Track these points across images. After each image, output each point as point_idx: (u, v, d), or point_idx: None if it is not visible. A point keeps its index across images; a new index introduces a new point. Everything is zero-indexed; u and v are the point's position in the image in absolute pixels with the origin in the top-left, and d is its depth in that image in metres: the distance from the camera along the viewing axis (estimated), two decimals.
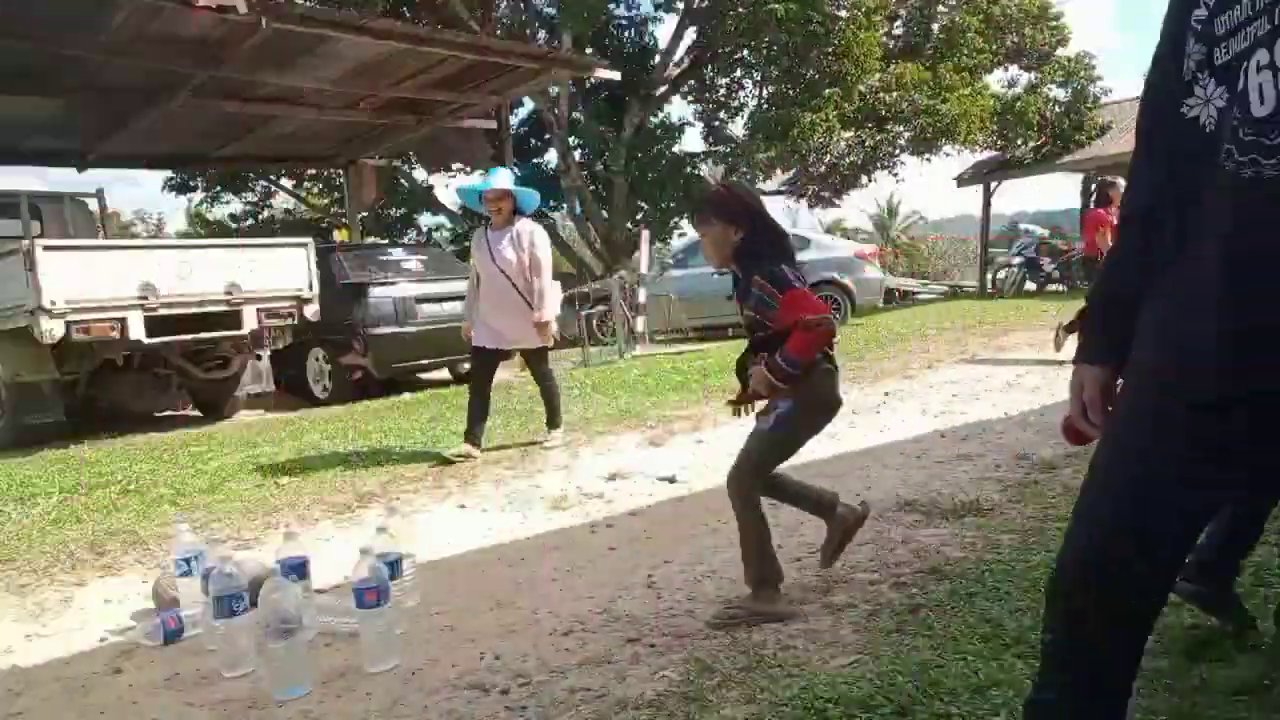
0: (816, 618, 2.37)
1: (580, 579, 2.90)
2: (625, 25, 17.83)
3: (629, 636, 2.36)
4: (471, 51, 8.64)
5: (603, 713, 1.95)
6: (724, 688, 1.99)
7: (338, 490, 4.38)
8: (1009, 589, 2.35)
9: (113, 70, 8.01)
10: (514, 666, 2.26)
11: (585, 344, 10.52)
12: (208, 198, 18.93)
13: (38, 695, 2.37)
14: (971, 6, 15.58)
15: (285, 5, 7.06)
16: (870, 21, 14.29)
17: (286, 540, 2.69)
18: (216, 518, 3.98)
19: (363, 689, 2.22)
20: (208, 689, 2.31)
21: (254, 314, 7.02)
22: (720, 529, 3.28)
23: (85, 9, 6.72)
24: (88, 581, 3.30)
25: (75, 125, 9.79)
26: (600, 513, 3.72)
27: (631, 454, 4.78)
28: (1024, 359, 6.96)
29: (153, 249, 8.06)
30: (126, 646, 2.66)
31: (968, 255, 33.55)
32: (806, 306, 2.36)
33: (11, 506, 4.50)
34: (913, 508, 3.29)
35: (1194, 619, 2.03)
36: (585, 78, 13.24)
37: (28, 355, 6.45)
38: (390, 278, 8.54)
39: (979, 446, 4.24)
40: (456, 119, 10.83)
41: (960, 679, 1.85)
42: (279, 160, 13.51)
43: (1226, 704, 1.67)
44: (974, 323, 10.12)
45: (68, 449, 6.22)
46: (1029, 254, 14.26)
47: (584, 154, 17.13)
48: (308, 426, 6.43)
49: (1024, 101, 15.52)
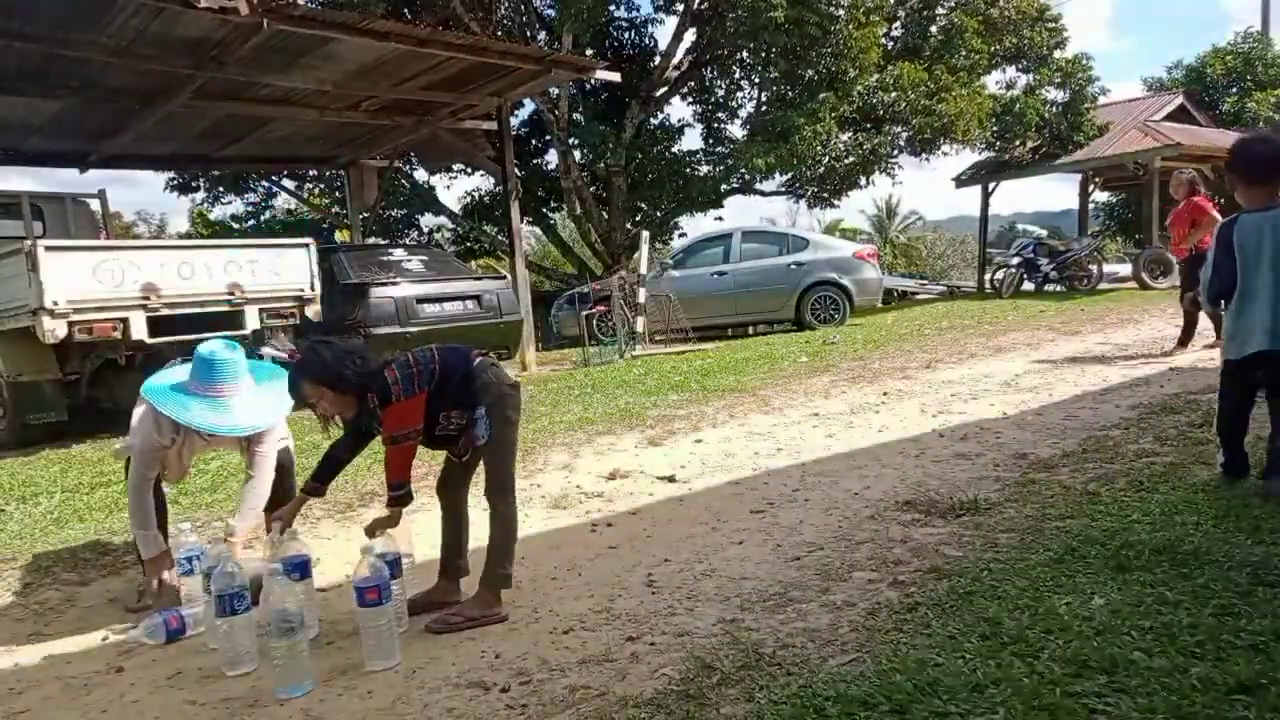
0: (815, 616, 2.38)
1: (580, 578, 2.91)
2: (625, 27, 17.86)
3: (629, 635, 2.37)
4: (472, 53, 8.64)
5: (603, 711, 1.96)
6: (723, 686, 2.00)
7: (338, 490, 4.39)
8: (1007, 588, 2.36)
9: (114, 71, 8.01)
10: (514, 664, 2.27)
11: (585, 344, 10.54)
12: (209, 198, 18.94)
13: (40, 694, 2.38)
14: (970, 8, 15.60)
15: (286, 6, 7.06)
16: (868, 21, 14.31)
17: (287, 540, 2.70)
18: (218, 517, 4.00)
19: (364, 687, 2.23)
20: (209, 688, 2.32)
21: (256, 314, 7.03)
22: (720, 528, 3.30)
23: (86, 9, 6.73)
24: (90, 581, 3.31)
25: (77, 126, 9.80)
26: (600, 512, 3.73)
27: (631, 454, 4.79)
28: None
29: (154, 249, 8.06)
30: (128, 645, 2.68)
31: (966, 255, 33.67)
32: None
33: (14, 506, 4.51)
34: (911, 507, 3.30)
35: (1192, 619, 2.04)
36: (585, 79, 13.23)
37: (30, 355, 6.47)
38: (391, 278, 8.55)
39: (977, 446, 4.25)
40: (457, 120, 10.83)
41: (958, 678, 1.86)
42: (280, 161, 13.51)
43: (1226, 704, 1.68)
44: (972, 323, 10.14)
45: (70, 449, 6.24)
46: (1027, 254, 14.27)
47: (584, 154, 17.14)
48: (308, 426, 6.39)
49: (1022, 102, 15.54)
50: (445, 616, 2.57)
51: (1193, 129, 16.32)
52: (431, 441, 2.68)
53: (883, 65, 15.07)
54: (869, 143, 14.83)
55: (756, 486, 3.90)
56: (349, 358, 2.55)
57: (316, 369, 2.55)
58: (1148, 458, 3.66)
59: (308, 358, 2.60)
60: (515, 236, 10.80)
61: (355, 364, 2.54)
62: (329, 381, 2.53)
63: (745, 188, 16.86)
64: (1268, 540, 2.49)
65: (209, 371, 2.84)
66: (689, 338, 10.92)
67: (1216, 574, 2.28)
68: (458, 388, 2.59)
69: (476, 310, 8.75)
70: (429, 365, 2.57)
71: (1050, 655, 1.92)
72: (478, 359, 2.65)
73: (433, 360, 2.59)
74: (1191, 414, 4.38)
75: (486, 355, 2.71)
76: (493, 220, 19.60)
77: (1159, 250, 15.02)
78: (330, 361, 2.54)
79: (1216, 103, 19.51)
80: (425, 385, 2.54)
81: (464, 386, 2.60)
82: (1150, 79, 22.23)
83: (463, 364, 2.62)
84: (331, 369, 2.53)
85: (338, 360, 2.54)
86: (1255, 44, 19.95)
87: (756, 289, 11.80)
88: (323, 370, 2.54)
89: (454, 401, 2.59)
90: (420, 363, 2.57)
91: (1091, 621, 2.07)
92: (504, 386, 2.64)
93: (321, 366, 2.54)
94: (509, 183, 10.69)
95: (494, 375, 2.63)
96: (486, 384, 2.60)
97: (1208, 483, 3.17)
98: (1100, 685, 1.78)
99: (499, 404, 2.61)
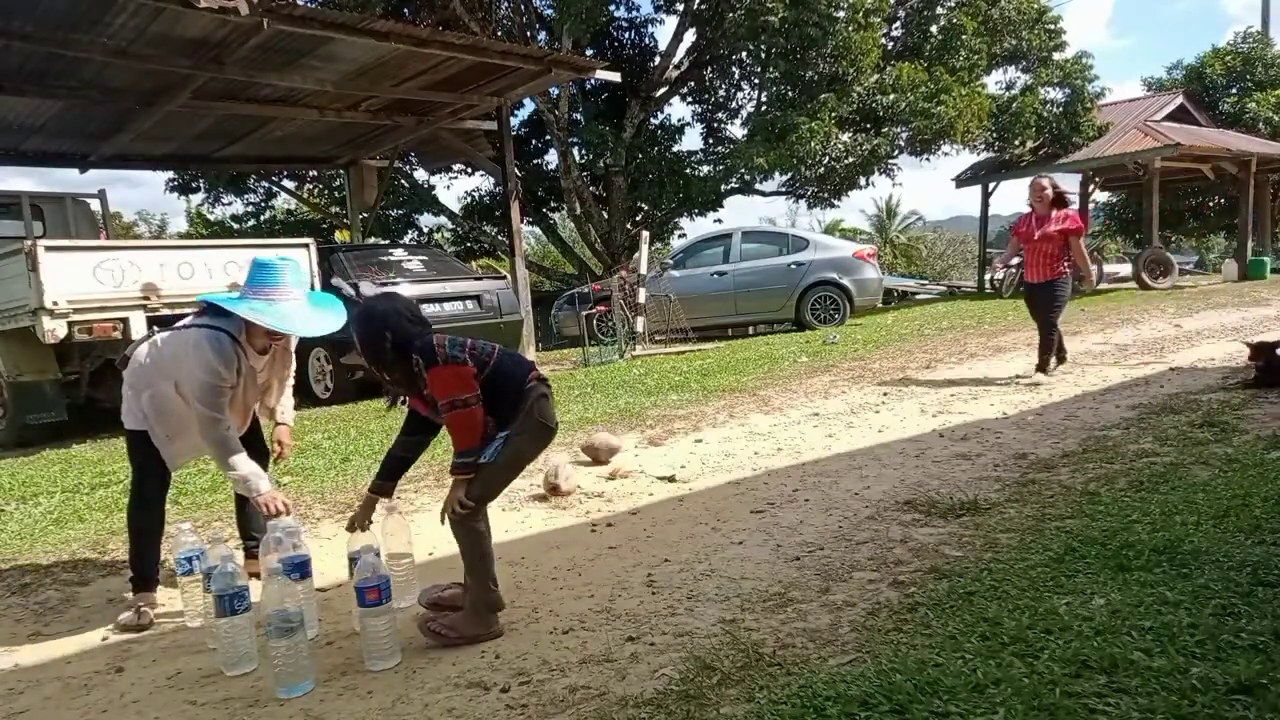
0: (815, 616, 2.38)
1: (580, 578, 2.91)
2: (625, 27, 17.88)
3: (629, 635, 2.37)
4: (472, 53, 8.65)
5: (603, 711, 1.96)
6: (723, 686, 2.00)
7: (339, 490, 4.39)
8: (1007, 588, 2.36)
9: (114, 71, 8.02)
10: (514, 664, 2.27)
11: (585, 344, 10.54)
12: (209, 198, 18.95)
13: (40, 694, 2.38)
14: (970, 9, 15.61)
15: (286, 6, 7.07)
16: (867, 23, 14.32)
17: (287, 539, 2.70)
18: (218, 517, 3.99)
19: (364, 687, 2.23)
20: (209, 688, 2.32)
21: None
22: (720, 528, 3.30)
23: (87, 10, 6.74)
24: (90, 581, 3.31)
25: (77, 126, 9.82)
26: (600, 512, 3.73)
27: (631, 454, 4.79)
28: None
29: (154, 249, 8.07)
30: (128, 645, 2.67)
31: (966, 255, 33.69)
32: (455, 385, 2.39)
33: (14, 506, 4.51)
34: (911, 507, 3.30)
35: (1192, 619, 2.03)
36: (585, 79, 13.24)
37: (30, 355, 6.48)
38: (391, 278, 8.55)
39: (977, 446, 4.25)
40: (457, 120, 10.84)
41: (959, 678, 1.86)
42: (280, 161, 13.52)
43: (1226, 704, 1.68)
44: (972, 323, 10.14)
45: (70, 448, 6.24)
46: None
47: (584, 154, 17.15)
48: (309, 426, 6.43)
49: (1021, 102, 15.55)
50: (440, 628, 2.45)
51: (1193, 129, 16.33)
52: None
53: (882, 66, 15.08)
54: (869, 143, 14.84)
55: (756, 486, 3.90)
56: (396, 318, 2.42)
57: (363, 326, 2.44)
58: (1148, 458, 3.66)
59: (358, 314, 2.49)
60: (515, 236, 10.81)
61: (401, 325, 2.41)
62: (374, 342, 2.42)
63: (745, 188, 16.87)
64: (1268, 540, 2.49)
65: (266, 274, 2.79)
66: (689, 338, 10.93)
67: (1216, 574, 2.28)
68: (502, 398, 2.46)
69: (476, 310, 8.76)
70: (485, 356, 2.46)
71: (1050, 655, 1.92)
72: (533, 381, 2.51)
73: (491, 355, 2.48)
74: (1191, 414, 4.38)
75: (545, 382, 2.56)
76: (493, 220, 19.61)
77: (1159, 250, 15.04)
78: (378, 320, 2.42)
79: (1216, 103, 19.53)
80: (475, 364, 2.41)
81: (507, 400, 2.46)
82: (1150, 79, 22.28)
83: (519, 377, 2.50)
84: (378, 329, 2.41)
85: (386, 318, 2.42)
86: (1255, 44, 19.96)
87: (756, 289, 11.81)
88: (367, 330, 2.43)
89: (492, 409, 2.45)
90: (476, 347, 2.46)
91: (1091, 621, 2.07)
92: (540, 423, 2.50)
93: (367, 325, 2.43)
94: (509, 183, 10.70)
95: (538, 408, 2.49)
96: (528, 413, 2.47)
97: (1208, 483, 3.17)
98: (1100, 685, 1.78)
99: (522, 437, 2.47)
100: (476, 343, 2.50)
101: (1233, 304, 10.43)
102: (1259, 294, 11.66)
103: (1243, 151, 15.73)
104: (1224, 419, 4.17)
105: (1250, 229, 16.46)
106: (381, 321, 2.42)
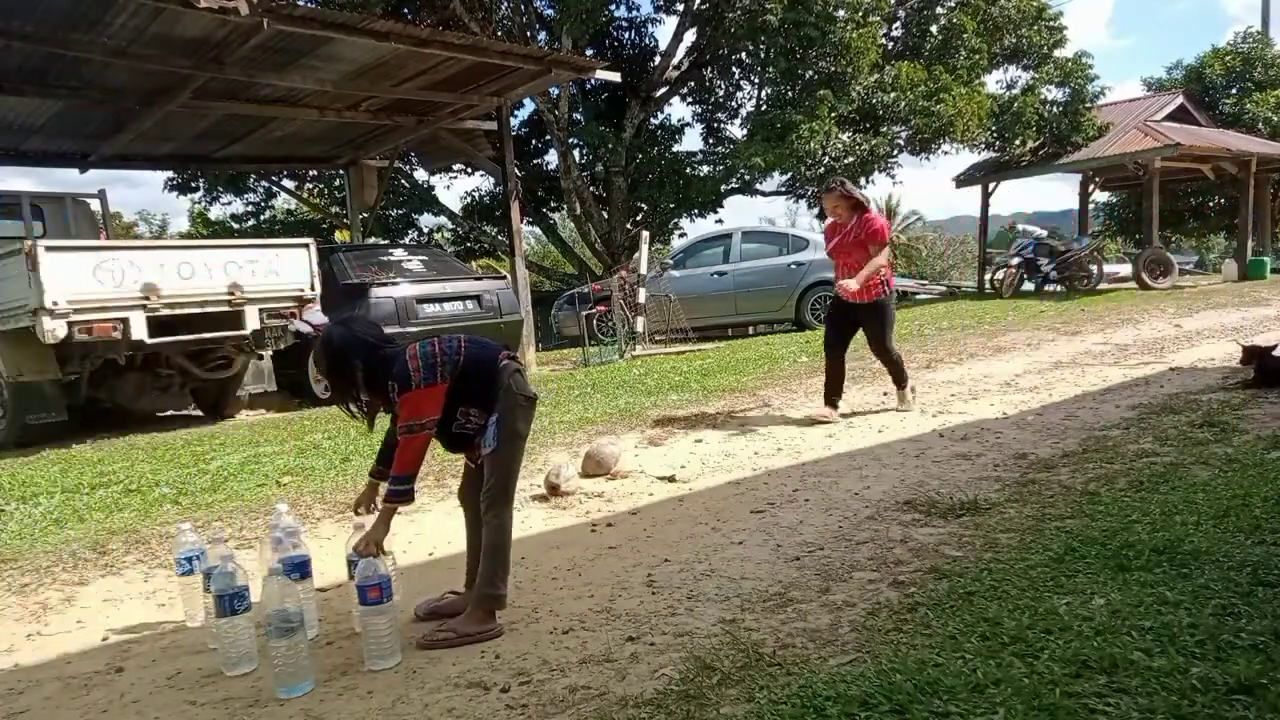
0: (815, 616, 2.37)
1: (580, 577, 2.91)
2: (625, 27, 17.89)
3: (629, 635, 2.37)
4: (472, 53, 8.64)
5: (603, 711, 1.95)
6: (723, 686, 2.00)
7: (339, 490, 4.39)
8: (1007, 588, 2.36)
9: (114, 71, 8.02)
10: (514, 664, 2.27)
11: (585, 344, 10.54)
12: (209, 198, 18.95)
13: (40, 694, 2.38)
14: (969, 8, 15.61)
15: (286, 6, 7.07)
16: (867, 22, 14.32)
17: (287, 539, 2.70)
18: (218, 517, 3.99)
19: (364, 687, 2.23)
20: (209, 688, 2.32)
21: (256, 314, 7.04)
22: (720, 528, 3.30)
23: (87, 10, 6.73)
24: (90, 581, 3.30)
25: (77, 126, 9.81)
26: (600, 512, 3.73)
27: (631, 454, 4.79)
28: None
29: (154, 249, 8.08)
30: (128, 645, 2.67)
31: (966, 255, 33.65)
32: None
33: (13, 506, 4.51)
34: (911, 507, 3.30)
35: (1192, 619, 2.03)
36: (585, 79, 13.25)
37: (30, 355, 6.47)
38: (391, 278, 8.55)
39: (977, 446, 4.25)
40: (457, 120, 10.83)
41: (959, 677, 1.85)
42: (280, 161, 13.51)
43: (1226, 704, 1.68)
44: (972, 323, 10.13)
45: (70, 449, 6.23)
46: (1027, 254, 14.27)
47: (584, 154, 17.15)
48: (309, 426, 6.43)
49: (1021, 102, 15.55)
50: (435, 634, 2.45)
51: (1193, 129, 16.32)
52: (449, 441, 2.59)
53: (882, 65, 15.09)
54: (868, 142, 14.84)
55: (756, 486, 3.90)
56: (362, 345, 2.46)
57: (328, 358, 2.47)
58: (1148, 458, 3.66)
59: (319, 346, 2.50)
60: (515, 236, 10.81)
61: (368, 350, 2.45)
62: (341, 372, 2.45)
63: (745, 188, 16.87)
64: (1268, 540, 2.48)
65: None
66: (689, 338, 10.92)
67: (1216, 574, 2.27)
68: (478, 385, 2.50)
69: (476, 310, 8.76)
70: (454, 355, 2.48)
71: (1050, 655, 1.92)
72: (504, 360, 2.56)
73: (458, 351, 2.50)
74: (1191, 414, 4.38)
75: (515, 359, 2.61)
76: (493, 220, 19.62)
77: (1159, 250, 15.03)
78: (342, 350, 2.45)
79: (1216, 103, 19.52)
80: (448, 375, 2.44)
81: (485, 386, 2.50)
82: (1150, 79, 22.27)
83: (489, 361, 2.53)
84: (344, 359, 2.44)
85: (350, 347, 2.45)
86: (1255, 44, 19.96)
87: (756, 289, 11.80)
88: (332, 362, 2.46)
89: (473, 399, 2.50)
90: (445, 351, 2.47)
91: (1091, 621, 2.07)
92: (520, 397, 2.54)
93: (332, 357, 2.46)
94: (509, 183, 10.70)
95: (514, 383, 2.53)
96: (505, 389, 2.51)
97: (1208, 483, 3.16)
98: (1100, 685, 1.78)
99: (510, 415, 2.51)
100: (444, 344, 2.51)
101: (1233, 304, 10.43)
102: (1259, 294, 11.65)
103: (1243, 151, 15.72)
104: (1224, 419, 4.17)
105: (1250, 229, 16.45)
106: (349, 352, 2.46)
